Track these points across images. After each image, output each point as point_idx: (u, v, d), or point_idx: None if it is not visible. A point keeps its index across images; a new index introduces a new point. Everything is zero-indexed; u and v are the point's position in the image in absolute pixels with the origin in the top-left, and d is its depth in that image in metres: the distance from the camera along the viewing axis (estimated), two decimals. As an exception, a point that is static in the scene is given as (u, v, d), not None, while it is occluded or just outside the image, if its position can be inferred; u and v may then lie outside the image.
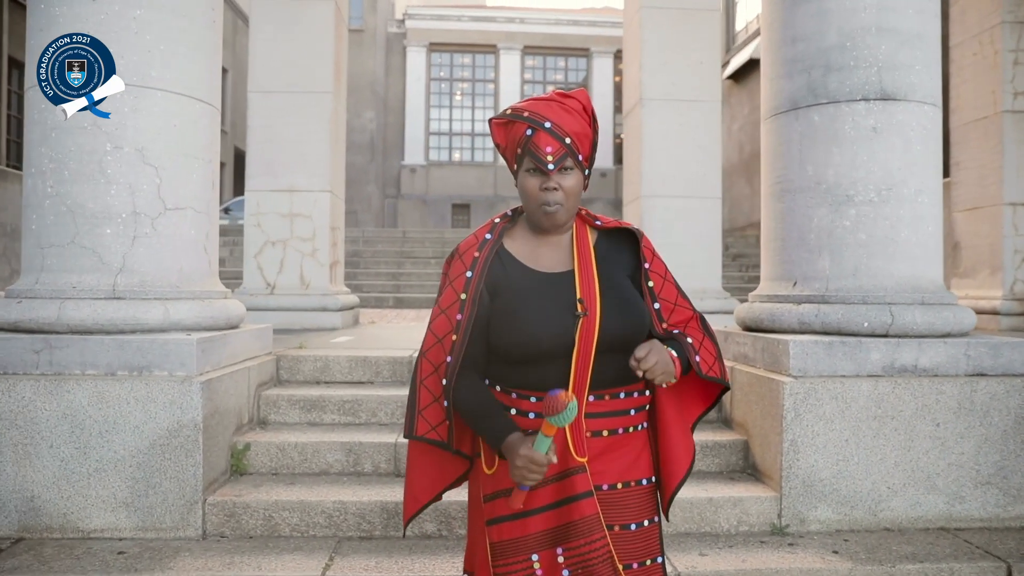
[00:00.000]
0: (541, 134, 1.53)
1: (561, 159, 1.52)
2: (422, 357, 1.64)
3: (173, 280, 3.26)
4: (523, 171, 1.57)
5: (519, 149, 1.57)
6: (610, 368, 1.54)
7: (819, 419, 3.15)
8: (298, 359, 4.20)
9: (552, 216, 1.55)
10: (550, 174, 1.53)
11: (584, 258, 1.60)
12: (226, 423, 3.27)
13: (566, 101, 1.57)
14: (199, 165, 3.40)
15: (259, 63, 6.81)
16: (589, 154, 1.59)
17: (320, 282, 6.88)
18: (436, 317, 1.63)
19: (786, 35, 3.61)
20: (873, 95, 3.36)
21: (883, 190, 3.35)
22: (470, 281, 1.58)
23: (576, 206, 1.61)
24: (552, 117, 1.54)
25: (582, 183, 1.59)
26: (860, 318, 3.28)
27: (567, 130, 1.53)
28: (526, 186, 1.57)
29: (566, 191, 1.54)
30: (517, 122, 1.58)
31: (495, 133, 1.67)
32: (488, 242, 1.63)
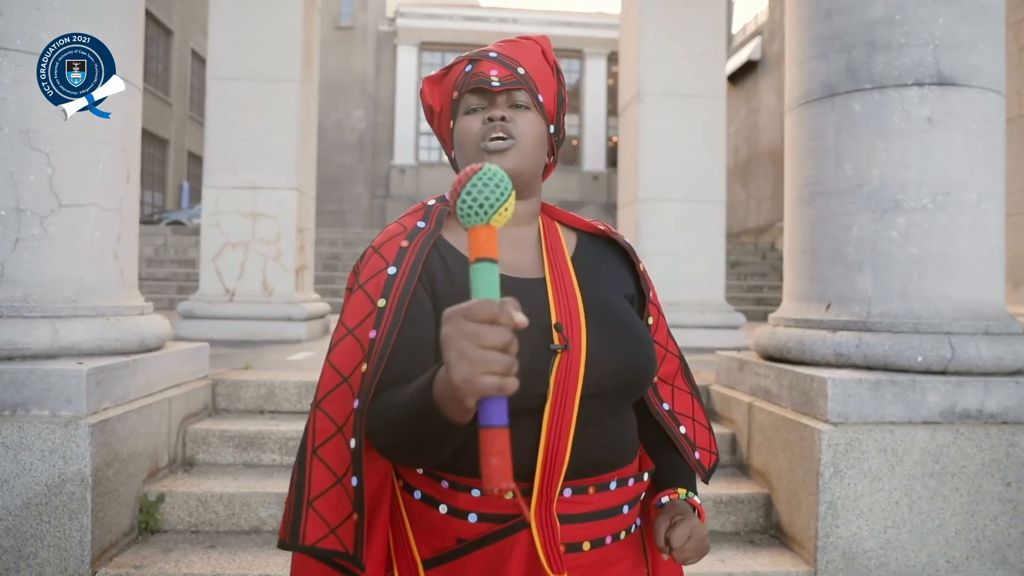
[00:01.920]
0: (484, 62, 1.11)
1: (512, 84, 1.09)
2: (315, 410, 1.01)
3: (69, 293, 2.63)
4: (459, 118, 1.12)
5: (455, 93, 1.12)
6: (598, 439, 1.01)
7: (863, 476, 2.56)
8: (238, 384, 3.57)
9: (498, 157, 1.06)
10: (495, 92, 1.09)
11: (558, 263, 1.09)
12: (132, 470, 2.65)
13: (520, 40, 1.18)
14: (108, 152, 2.78)
15: (219, 46, 6.18)
16: (555, 109, 1.15)
17: (284, 289, 6.25)
18: (338, 343, 1.02)
19: (819, 7, 3.02)
20: (928, 79, 2.78)
21: (939, 195, 2.76)
22: (393, 280, 1.01)
23: (535, 163, 1.11)
24: (499, 49, 1.14)
25: (543, 134, 1.12)
26: (912, 351, 2.69)
27: (520, 61, 1.12)
28: (463, 131, 1.10)
29: (520, 131, 1.07)
30: (454, 67, 1.15)
31: (426, 94, 1.18)
32: (421, 232, 1.07)
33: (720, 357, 3.69)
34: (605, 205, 27.85)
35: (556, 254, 1.10)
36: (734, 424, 3.37)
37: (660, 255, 6.28)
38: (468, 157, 1.09)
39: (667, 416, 1.15)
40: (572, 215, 1.19)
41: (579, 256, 1.13)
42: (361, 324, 1.00)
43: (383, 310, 0.98)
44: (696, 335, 6.23)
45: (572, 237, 1.17)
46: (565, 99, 1.17)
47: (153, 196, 24.85)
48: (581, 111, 29.26)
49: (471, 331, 0.67)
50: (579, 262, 1.11)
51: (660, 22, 6.44)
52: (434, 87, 1.17)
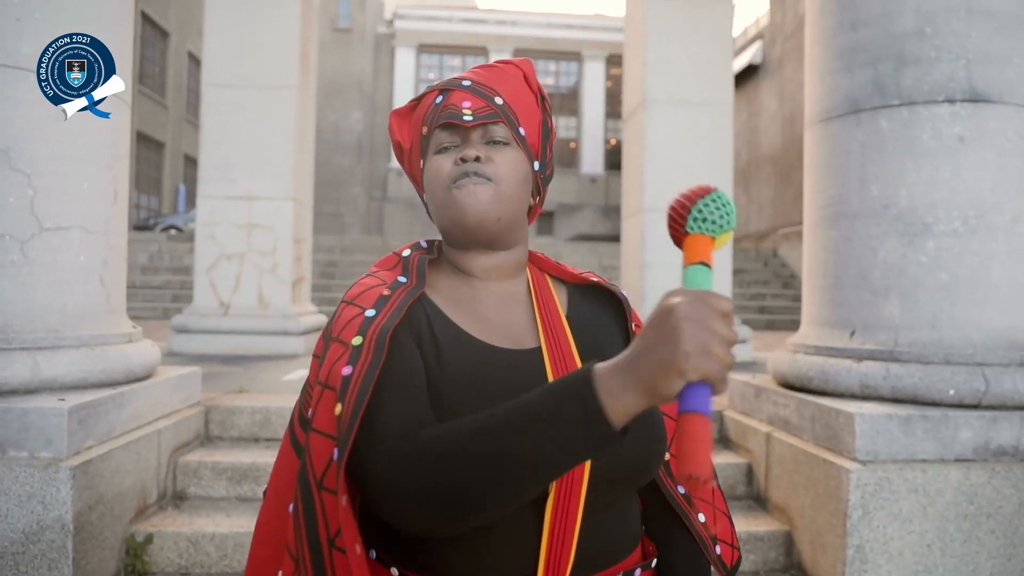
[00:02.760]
0: (456, 92, 0.97)
1: (488, 117, 0.94)
2: (321, 492, 0.82)
3: (51, 323, 2.48)
4: (429, 157, 0.97)
5: (424, 128, 0.98)
6: (604, 528, 0.88)
7: (894, 518, 2.41)
8: (232, 411, 3.42)
9: (472, 199, 0.91)
10: (468, 127, 0.94)
11: (554, 328, 0.94)
12: (118, 511, 2.49)
13: (498, 65, 1.02)
14: (94, 172, 2.62)
15: (214, 52, 6.03)
16: (539, 142, 1.00)
17: (281, 302, 6.10)
18: (318, 404, 0.85)
19: (843, 19, 2.87)
20: (960, 95, 2.63)
21: (971, 217, 2.62)
22: (372, 320, 0.86)
23: (517, 207, 0.96)
24: (474, 77, 0.99)
25: (526, 173, 0.97)
26: (944, 383, 2.54)
27: (498, 89, 0.98)
28: (433, 172, 0.95)
29: (498, 172, 0.93)
30: (424, 98, 1.01)
31: (394, 130, 1.04)
32: (403, 286, 0.92)
33: (734, 382, 3.54)
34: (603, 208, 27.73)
35: (551, 316, 0.95)
36: (750, 454, 3.22)
37: (666, 267, 6.13)
38: (440, 202, 0.94)
39: (683, 502, 0.99)
40: (560, 266, 1.04)
41: (574, 316, 0.98)
42: (331, 371, 0.84)
43: (359, 348, 0.82)
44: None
45: (562, 292, 1.02)
46: (552, 130, 1.02)
47: (149, 200, 24.68)
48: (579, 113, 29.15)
49: (711, 312, 0.65)
50: (575, 324, 0.96)
51: (665, 27, 6.30)
52: (403, 122, 1.03)
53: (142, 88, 22.92)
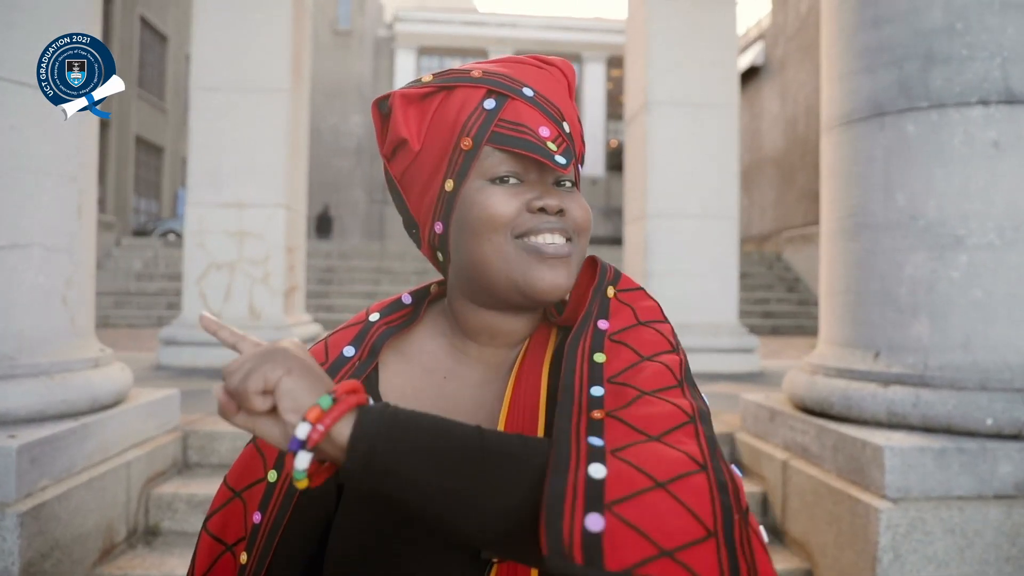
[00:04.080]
0: (519, 105, 0.74)
1: (567, 154, 0.74)
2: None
3: (5, 349, 2.27)
4: (476, 184, 0.74)
5: (466, 140, 0.73)
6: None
7: (928, 561, 2.19)
8: (212, 435, 3.21)
9: (551, 270, 0.73)
10: (561, 171, 0.74)
11: (524, 405, 0.73)
12: (79, 556, 2.28)
13: (546, 68, 0.80)
14: (54, 184, 2.42)
15: (203, 55, 5.83)
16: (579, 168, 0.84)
17: (273, 312, 5.90)
18: (220, 508, 0.80)
19: (865, 16, 2.67)
20: (994, 96, 2.42)
21: (1007, 229, 2.41)
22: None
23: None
24: (534, 84, 0.76)
25: None
26: (980, 411, 2.33)
27: (563, 111, 0.77)
28: (488, 207, 0.73)
29: (575, 223, 0.75)
30: (458, 89, 0.75)
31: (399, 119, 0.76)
32: (346, 366, 0.77)
33: (747, 403, 3.33)
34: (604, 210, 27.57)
35: (526, 396, 0.73)
36: (764, 482, 3.01)
37: (670, 275, 5.94)
38: (498, 253, 0.72)
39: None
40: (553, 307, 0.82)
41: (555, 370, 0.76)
42: (248, 489, 0.77)
43: (272, 486, 0.74)
44: (708, 359, 5.88)
45: (554, 336, 0.81)
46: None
47: (148, 204, 24.53)
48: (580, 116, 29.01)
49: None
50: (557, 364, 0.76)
51: (668, 29, 6.10)
52: (409, 110, 0.77)
53: (141, 92, 22.78)
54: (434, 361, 0.79)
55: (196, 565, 0.80)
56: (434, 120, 0.76)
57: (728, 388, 4.78)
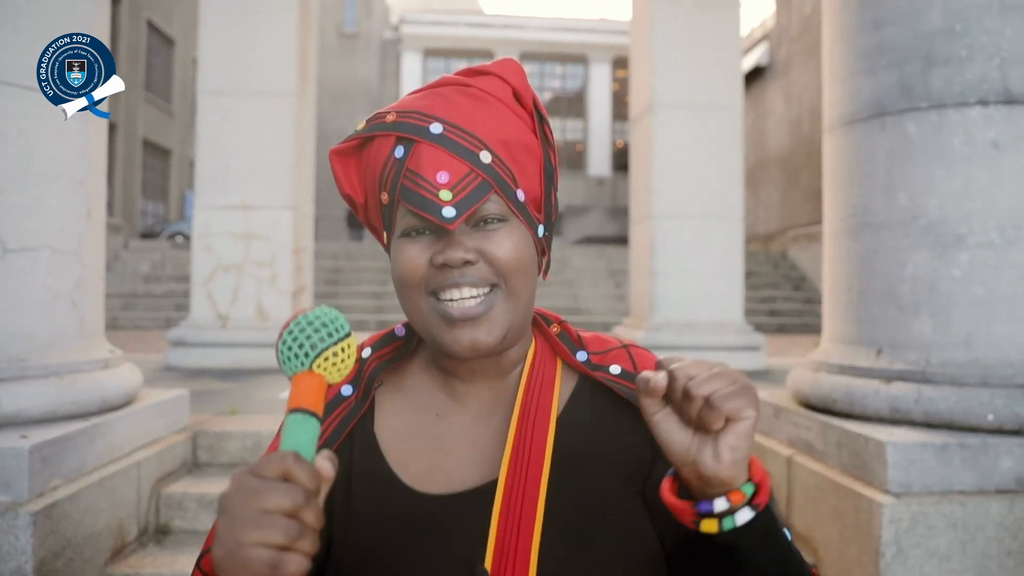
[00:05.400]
0: (423, 148, 0.70)
1: (472, 197, 0.69)
2: None
3: (15, 351, 2.31)
4: (396, 239, 0.74)
5: (384, 195, 0.72)
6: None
7: (931, 556, 2.21)
8: (222, 435, 3.25)
9: (470, 330, 0.70)
10: (448, 227, 0.69)
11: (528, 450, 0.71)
12: (90, 555, 2.31)
13: (475, 84, 0.74)
14: (63, 188, 2.46)
15: (210, 59, 5.89)
16: (541, 192, 0.76)
17: (280, 313, 5.94)
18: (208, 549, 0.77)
19: (866, 17, 2.68)
20: (993, 97, 2.44)
21: (1008, 228, 2.42)
22: None
23: (526, 306, 0.74)
24: (445, 113, 0.71)
25: (532, 248, 0.75)
26: (981, 407, 2.34)
27: (482, 137, 0.71)
28: (400, 266, 0.73)
29: (497, 264, 0.71)
30: (377, 138, 0.73)
31: (340, 178, 0.77)
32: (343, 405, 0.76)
33: (751, 401, 3.34)
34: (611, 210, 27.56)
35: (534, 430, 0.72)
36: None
37: (676, 275, 5.95)
38: (417, 314, 0.72)
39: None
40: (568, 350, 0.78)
41: (566, 423, 0.74)
42: None
43: None
44: (714, 357, 5.71)
45: (570, 382, 0.78)
46: (555, 168, 0.78)
47: (155, 207, 24.66)
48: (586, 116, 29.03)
49: (252, 488, 0.49)
50: (564, 434, 0.73)
51: (673, 30, 6.13)
52: (348, 165, 0.77)
53: (148, 95, 22.90)
54: (427, 397, 0.78)
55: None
56: (365, 171, 0.76)
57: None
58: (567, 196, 26.87)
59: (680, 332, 5.83)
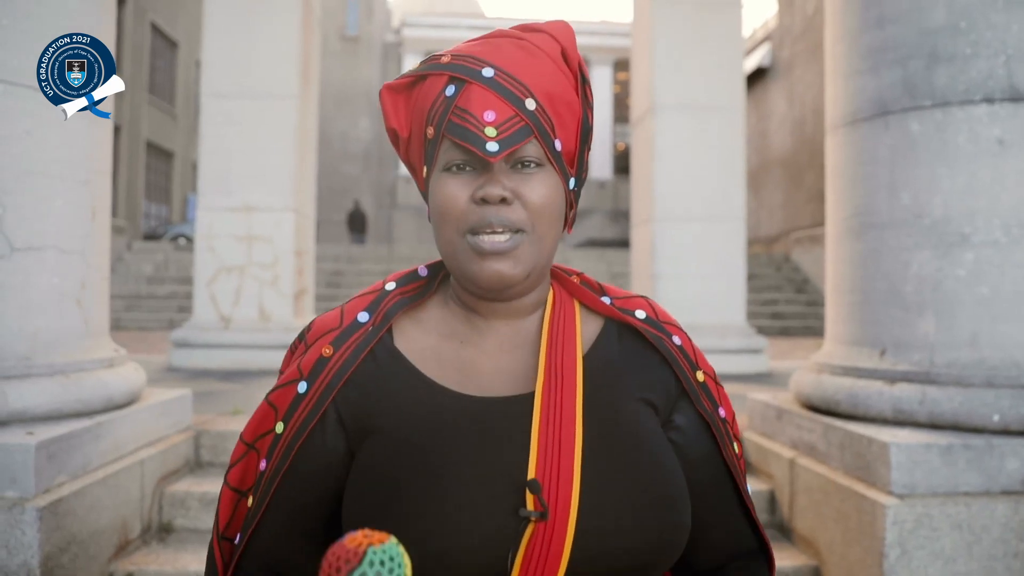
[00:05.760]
0: (474, 89, 0.74)
1: (515, 137, 0.73)
2: (221, 542, 0.82)
3: (21, 350, 2.32)
4: (437, 173, 0.77)
5: (430, 129, 0.76)
6: None
7: (936, 557, 2.20)
8: (224, 435, 3.25)
9: (497, 262, 0.74)
10: (491, 160, 0.72)
11: (563, 370, 0.76)
12: (94, 551, 2.32)
13: (528, 39, 0.79)
14: (68, 188, 2.46)
15: (213, 62, 5.91)
16: (576, 147, 0.80)
17: (282, 315, 5.95)
18: (236, 462, 0.84)
19: (869, 16, 2.68)
20: (999, 94, 2.44)
21: (1013, 227, 2.42)
22: (300, 402, 0.77)
23: (550, 251, 0.79)
24: (498, 62, 0.75)
25: (562, 198, 0.79)
26: (987, 408, 2.34)
27: (530, 86, 0.75)
28: (441, 200, 0.76)
29: (530, 207, 0.74)
30: (430, 77, 0.77)
31: (388, 111, 0.80)
32: (358, 331, 0.79)
33: (754, 402, 3.34)
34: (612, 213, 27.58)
35: (563, 359, 0.76)
36: (772, 480, 3.02)
37: (677, 277, 5.95)
38: (450, 247, 0.76)
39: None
40: (595, 294, 0.84)
41: (593, 359, 0.79)
42: (260, 439, 0.81)
43: (279, 437, 0.78)
44: (716, 360, 5.77)
45: (593, 326, 0.83)
46: (591, 127, 0.82)
47: (159, 209, 24.70)
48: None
49: None
50: (591, 368, 0.78)
51: (674, 31, 6.13)
52: (398, 101, 0.81)
53: (152, 97, 22.95)
54: (449, 328, 0.82)
55: (220, 517, 0.83)
56: (414, 108, 0.79)
57: (736, 388, 4.78)
58: (569, 198, 26.90)
59: (683, 333, 5.82)
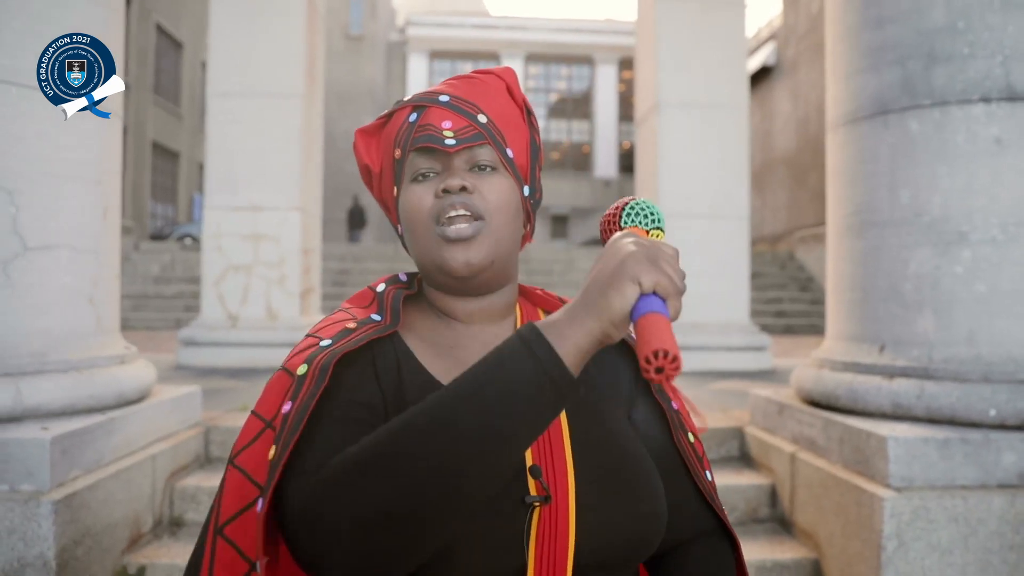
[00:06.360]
0: (432, 109, 0.86)
1: (470, 139, 0.84)
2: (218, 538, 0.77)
3: (36, 347, 2.37)
4: (405, 186, 0.86)
5: (397, 151, 0.86)
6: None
7: (932, 550, 2.24)
8: (234, 430, 3.29)
9: (462, 249, 0.81)
10: (450, 151, 0.83)
11: None
12: (108, 544, 2.37)
13: (477, 77, 0.91)
14: (81, 188, 2.51)
15: (219, 62, 5.96)
16: (528, 163, 0.90)
17: (289, 313, 6.00)
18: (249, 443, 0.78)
19: (869, 15, 2.72)
20: (996, 94, 2.47)
21: (1011, 225, 2.45)
22: (324, 349, 0.78)
23: (510, 245, 0.86)
24: (452, 91, 0.88)
25: (517, 200, 0.87)
26: (984, 403, 2.37)
27: (480, 106, 0.87)
28: (411, 205, 0.85)
29: (488, 199, 0.83)
30: (396, 115, 0.89)
31: (360, 151, 0.91)
32: (372, 325, 0.82)
33: (756, 397, 3.38)
34: (617, 212, 27.51)
35: None
36: (773, 474, 3.06)
37: (682, 274, 5.97)
38: (421, 242, 0.83)
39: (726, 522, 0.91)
40: (559, 302, 0.92)
41: None
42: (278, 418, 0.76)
43: (302, 378, 0.75)
44: (720, 357, 5.93)
45: None
46: (539, 148, 0.91)
47: (164, 209, 24.80)
48: (592, 117, 29.05)
49: (658, 247, 0.64)
50: None
51: (678, 30, 6.16)
52: (370, 141, 0.92)
53: (157, 98, 23.04)
54: (436, 335, 0.87)
55: (221, 507, 0.77)
56: (383, 142, 0.90)
57: (739, 385, 4.82)
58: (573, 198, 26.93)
59: (686, 332, 5.85)
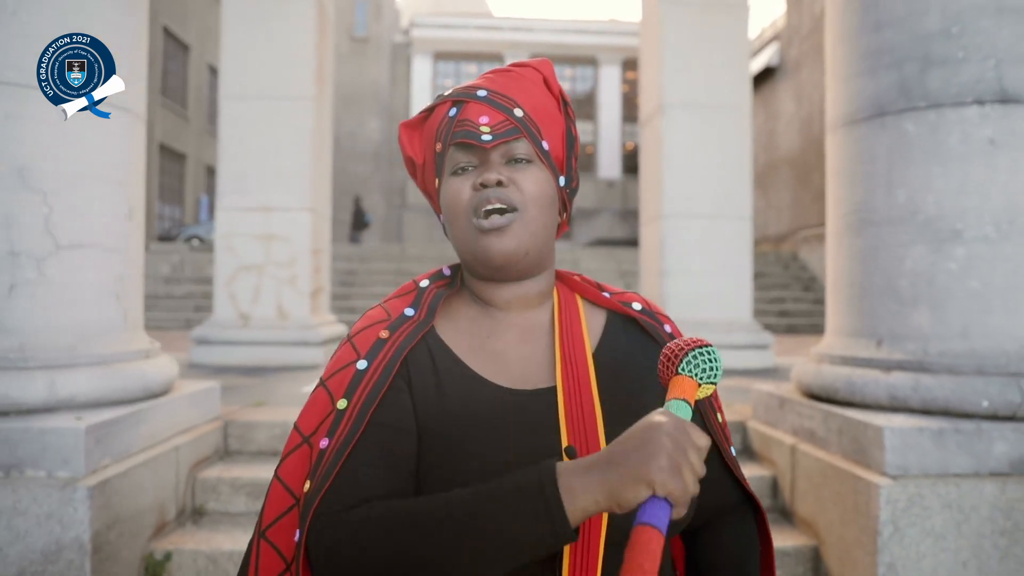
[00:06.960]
0: (471, 105, 0.90)
1: (506, 134, 0.87)
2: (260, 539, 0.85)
3: (67, 341, 2.48)
4: (446, 179, 0.91)
5: (439, 144, 0.91)
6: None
7: (926, 535, 2.33)
8: (251, 425, 3.40)
9: (497, 238, 0.86)
10: (487, 147, 0.87)
11: (575, 363, 0.88)
12: (136, 529, 2.48)
13: (515, 69, 0.95)
14: (108, 190, 2.62)
15: (230, 65, 6.07)
16: (564, 155, 0.93)
17: (300, 313, 6.10)
18: (289, 453, 0.86)
19: (867, 19, 2.81)
20: (989, 96, 2.56)
21: (1003, 223, 2.54)
22: (362, 376, 0.84)
23: (546, 235, 0.91)
24: (489, 86, 0.92)
25: (552, 192, 0.91)
26: (977, 395, 2.46)
27: (517, 100, 0.90)
28: (451, 198, 0.89)
29: (523, 190, 0.87)
30: (436, 109, 0.93)
31: (405, 144, 0.96)
32: (408, 321, 0.89)
33: (758, 392, 3.47)
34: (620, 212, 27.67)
35: (573, 351, 0.89)
36: (774, 466, 3.15)
37: (685, 274, 6.07)
38: (461, 233, 0.89)
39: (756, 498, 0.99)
40: (596, 289, 0.97)
41: (604, 350, 0.92)
42: (316, 431, 0.84)
43: (342, 413, 0.81)
44: (723, 355, 5.95)
45: (598, 319, 0.96)
46: (576, 138, 0.96)
47: (172, 210, 24.95)
48: (596, 118, 29.11)
49: (690, 441, 0.67)
50: (603, 359, 0.90)
51: (682, 31, 6.25)
52: (413, 134, 0.96)
53: (164, 100, 23.19)
54: (475, 325, 0.93)
55: (265, 513, 0.84)
56: (425, 136, 0.94)
57: (742, 382, 4.91)
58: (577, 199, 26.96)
59: (689, 330, 5.93)
